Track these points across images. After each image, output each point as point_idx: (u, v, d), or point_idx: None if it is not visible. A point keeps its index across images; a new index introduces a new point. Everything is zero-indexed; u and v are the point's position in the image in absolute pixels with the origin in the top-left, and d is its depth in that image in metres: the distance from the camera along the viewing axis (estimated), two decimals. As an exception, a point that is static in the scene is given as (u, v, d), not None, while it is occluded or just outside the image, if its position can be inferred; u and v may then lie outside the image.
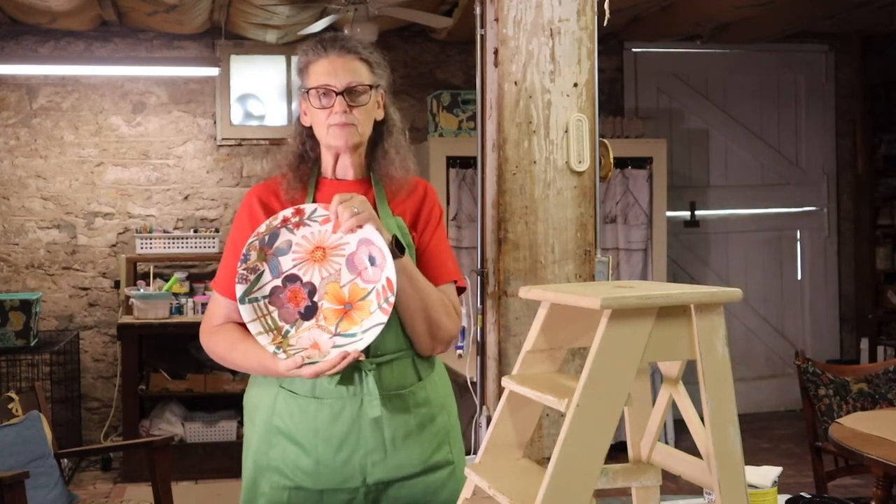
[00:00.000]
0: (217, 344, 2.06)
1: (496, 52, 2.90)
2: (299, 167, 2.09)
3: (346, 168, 2.09)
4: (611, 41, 6.54)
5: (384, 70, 2.09)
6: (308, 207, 1.96)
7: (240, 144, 6.21)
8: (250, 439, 2.07)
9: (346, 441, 1.98)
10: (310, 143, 2.10)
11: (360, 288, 1.94)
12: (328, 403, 1.98)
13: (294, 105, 2.21)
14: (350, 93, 2.01)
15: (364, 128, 2.05)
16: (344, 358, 1.86)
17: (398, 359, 2.02)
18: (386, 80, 2.10)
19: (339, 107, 2.00)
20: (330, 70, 2.01)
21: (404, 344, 2.03)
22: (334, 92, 2.00)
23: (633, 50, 6.74)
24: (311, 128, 2.08)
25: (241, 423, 5.55)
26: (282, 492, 2.00)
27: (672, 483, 2.13)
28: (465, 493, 1.63)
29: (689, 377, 1.41)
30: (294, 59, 6.11)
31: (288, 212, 1.96)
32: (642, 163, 5.96)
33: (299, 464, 1.99)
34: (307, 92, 2.04)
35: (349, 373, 1.96)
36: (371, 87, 2.04)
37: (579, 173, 2.93)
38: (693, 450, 1.51)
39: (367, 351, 1.96)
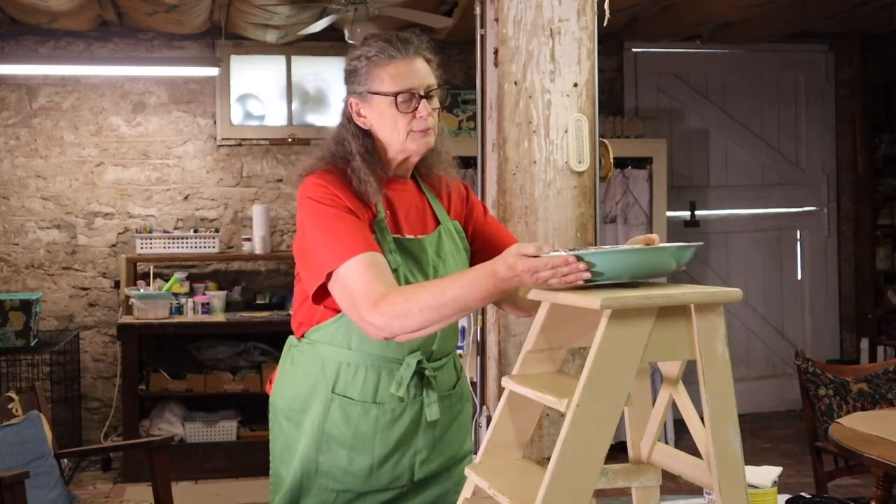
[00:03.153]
0: (391, 316, 1.76)
1: (496, 52, 2.90)
2: (367, 166, 1.95)
3: (407, 168, 2.05)
4: (611, 41, 6.54)
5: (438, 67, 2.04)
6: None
7: (240, 144, 6.21)
8: (294, 443, 2.02)
9: (402, 443, 1.98)
10: (368, 142, 1.99)
11: None
12: (389, 408, 1.97)
13: (338, 108, 2.09)
14: (429, 96, 1.97)
15: (436, 130, 2.01)
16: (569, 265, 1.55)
17: (448, 360, 2.06)
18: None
19: (423, 111, 1.94)
20: (410, 73, 1.95)
21: (453, 345, 2.07)
22: (419, 95, 1.95)
23: (633, 50, 6.74)
24: (364, 129, 1.99)
25: (241, 424, 5.58)
26: (329, 494, 1.99)
27: (672, 483, 2.12)
28: (465, 493, 1.63)
29: (689, 377, 1.41)
30: (296, 58, 6.16)
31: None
32: (642, 163, 5.95)
33: (351, 468, 1.98)
34: (395, 97, 1.93)
35: (414, 377, 1.97)
36: (440, 87, 2.00)
37: (579, 173, 2.93)
38: (693, 450, 1.51)
39: (429, 355, 1.98)
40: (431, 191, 2.08)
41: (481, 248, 2.10)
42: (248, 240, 5.95)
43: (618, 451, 1.56)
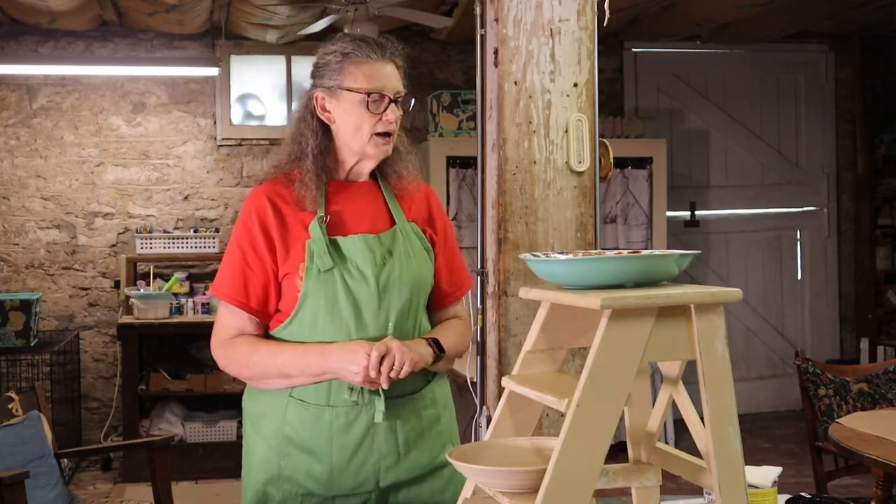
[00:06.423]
0: (230, 360, 2.01)
1: (496, 52, 2.90)
2: (317, 168, 2.00)
3: (362, 172, 2.06)
4: (611, 41, 6.54)
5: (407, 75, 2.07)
6: None
7: (240, 144, 6.21)
8: (255, 447, 2.04)
9: (361, 447, 1.97)
10: (325, 142, 2.02)
11: None
12: (343, 411, 1.96)
13: (298, 101, 2.13)
14: (397, 102, 1.98)
15: (395, 139, 2.03)
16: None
17: None
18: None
19: (391, 115, 1.97)
20: (383, 75, 1.97)
21: None
22: (389, 98, 1.97)
23: (633, 50, 6.74)
24: (326, 125, 2.02)
25: (241, 424, 5.57)
26: (294, 498, 1.99)
27: (672, 483, 2.12)
28: (465, 493, 1.63)
29: (689, 377, 1.41)
30: (296, 58, 6.16)
31: None
32: (642, 163, 5.96)
33: (312, 472, 1.97)
34: (367, 95, 1.95)
35: None
36: (408, 95, 2.02)
37: (579, 173, 2.93)
38: (693, 450, 1.51)
39: None
40: (392, 191, 2.07)
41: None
42: (248, 240, 5.94)
43: (618, 451, 1.56)
